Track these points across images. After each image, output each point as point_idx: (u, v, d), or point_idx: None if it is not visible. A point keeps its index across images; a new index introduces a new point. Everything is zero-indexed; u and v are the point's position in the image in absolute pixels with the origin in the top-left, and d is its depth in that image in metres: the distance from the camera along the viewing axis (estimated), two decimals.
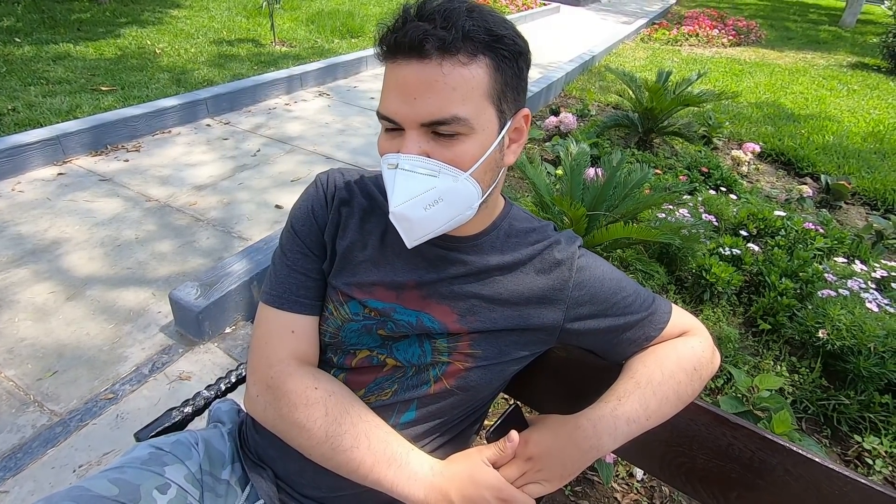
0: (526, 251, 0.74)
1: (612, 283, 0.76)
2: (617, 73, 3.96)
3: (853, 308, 1.90)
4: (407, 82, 0.59)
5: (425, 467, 0.67)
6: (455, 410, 0.76)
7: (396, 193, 0.62)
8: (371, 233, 0.75)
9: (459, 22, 0.58)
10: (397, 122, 0.62)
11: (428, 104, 0.59)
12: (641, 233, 1.94)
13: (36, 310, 1.93)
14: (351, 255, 0.75)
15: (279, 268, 0.76)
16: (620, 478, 1.51)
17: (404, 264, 0.73)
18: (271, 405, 0.71)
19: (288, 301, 0.74)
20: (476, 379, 0.73)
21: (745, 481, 0.74)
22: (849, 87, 6.20)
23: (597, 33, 8.20)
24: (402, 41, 0.58)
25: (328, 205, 0.76)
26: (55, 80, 3.88)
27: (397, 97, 0.61)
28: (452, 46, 0.58)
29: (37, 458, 1.43)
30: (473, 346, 0.72)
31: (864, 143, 4.32)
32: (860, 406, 1.70)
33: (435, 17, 0.58)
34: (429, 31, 0.58)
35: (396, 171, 0.62)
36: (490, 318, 0.72)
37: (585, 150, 2.61)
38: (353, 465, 0.66)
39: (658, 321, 0.77)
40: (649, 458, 0.85)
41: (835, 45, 9.11)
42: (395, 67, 0.61)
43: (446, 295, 0.72)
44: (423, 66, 0.59)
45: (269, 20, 5.41)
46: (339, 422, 0.67)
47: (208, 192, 2.81)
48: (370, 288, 0.73)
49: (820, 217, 2.90)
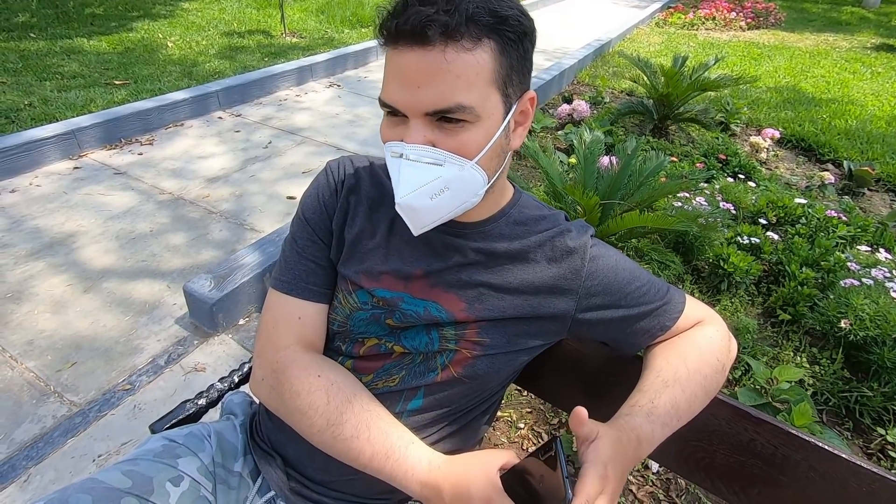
0: (535, 238, 0.72)
1: (626, 273, 0.74)
2: (631, 59, 3.87)
3: (877, 298, 1.85)
4: (409, 70, 0.58)
5: (423, 462, 0.65)
6: (463, 399, 0.75)
7: (402, 184, 0.61)
8: (380, 222, 0.74)
9: (462, 4, 0.56)
10: (400, 111, 0.60)
11: (431, 93, 0.58)
12: (657, 221, 1.90)
13: (54, 302, 1.96)
14: (359, 243, 0.74)
15: (289, 254, 0.76)
16: (636, 470, 1.49)
17: (412, 253, 0.73)
18: (275, 390, 0.72)
19: (297, 287, 0.74)
20: (484, 367, 0.72)
21: (768, 477, 0.72)
22: (873, 70, 6.00)
23: (611, 19, 8.04)
24: (404, 27, 0.56)
25: (337, 192, 0.76)
26: (69, 74, 3.91)
27: (399, 85, 0.59)
28: (456, 31, 0.56)
29: (58, 447, 1.45)
30: (481, 335, 0.71)
31: (889, 127, 4.19)
32: (884, 398, 1.66)
33: (437, 0, 0.56)
34: (431, 16, 0.55)
35: (401, 161, 0.61)
36: (498, 307, 0.71)
37: (599, 138, 2.57)
38: (352, 455, 0.66)
39: (673, 311, 0.75)
40: (667, 453, 0.83)
41: (858, 27, 8.82)
42: (397, 54, 0.58)
43: (454, 283, 0.71)
44: (426, 52, 0.56)
45: (280, 11, 5.39)
46: (341, 411, 0.67)
47: (220, 185, 2.82)
48: (378, 277, 0.73)
49: (842, 204, 2.82)
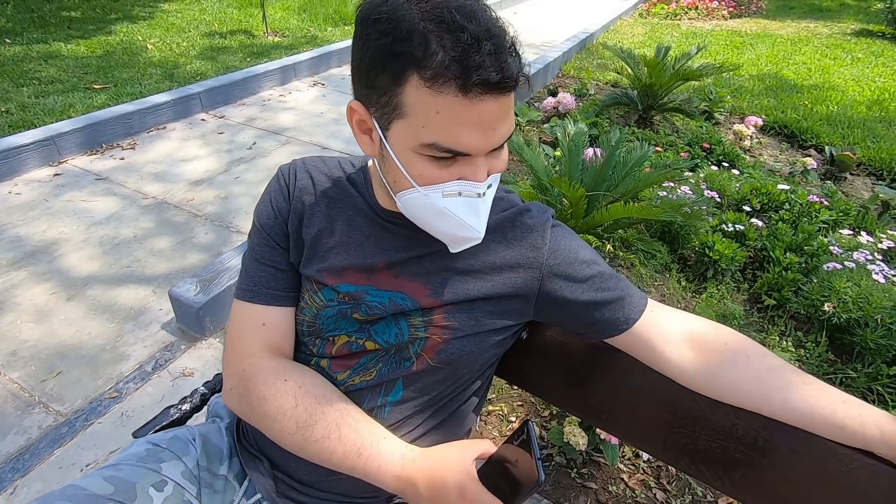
0: (494, 218, 0.72)
1: (587, 256, 0.74)
2: (614, 50, 3.89)
3: (859, 280, 1.88)
4: (490, 117, 0.57)
5: (396, 455, 0.65)
6: (443, 385, 0.75)
7: (481, 219, 0.64)
8: (337, 219, 0.75)
9: (504, 41, 0.55)
10: (469, 153, 0.59)
11: (503, 131, 0.60)
12: (642, 211, 1.92)
13: (37, 311, 1.93)
14: (319, 242, 0.74)
15: (248, 263, 0.77)
16: (627, 458, 1.51)
17: (373, 246, 0.73)
18: (244, 398, 0.72)
19: (258, 294, 0.75)
20: (456, 351, 0.72)
21: (750, 461, 0.73)
22: (853, 56, 6.07)
23: (596, 10, 8.05)
24: (490, 80, 0.53)
25: (290, 196, 0.76)
26: (47, 79, 3.85)
27: (478, 133, 0.57)
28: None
29: (44, 458, 1.44)
30: (448, 318, 0.71)
31: (869, 111, 4.24)
32: (868, 378, 1.69)
33: (501, 44, 0.55)
34: (512, 65, 0.55)
35: (479, 200, 0.62)
36: (462, 289, 0.71)
37: (583, 130, 2.58)
38: (325, 455, 0.66)
39: (636, 305, 0.74)
40: (652, 441, 0.84)
41: (839, 13, 8.90)
42: (471, 102, 0.55)
43: (418, 272, 0.72)
44: (506, 98, 0.57)
45: (261, 10, 5.33)
46: (310, 412, 0.67)
47: (205, 187, 2.79)
48: (341, 272, 0.73)
49: (825, 189, 2.86)
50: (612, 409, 0.86)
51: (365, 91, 0.61)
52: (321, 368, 0.75)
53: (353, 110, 0.64)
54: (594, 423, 1.29)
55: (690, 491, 1.43)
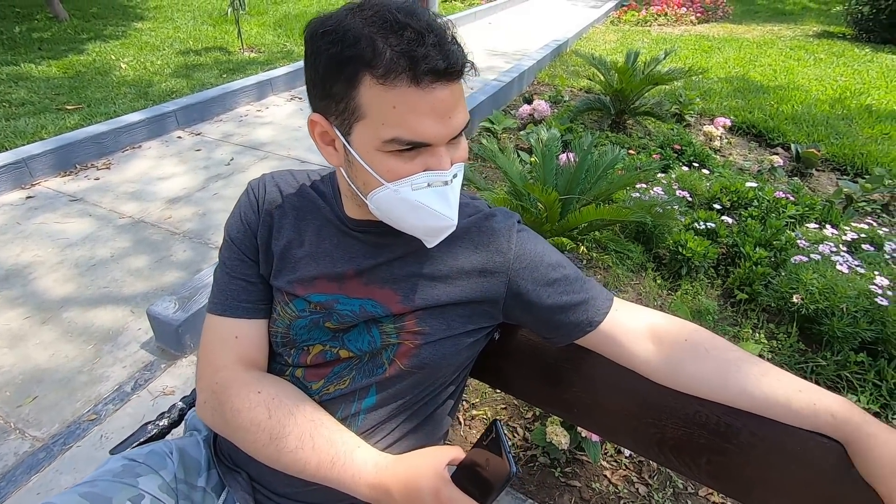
0: (460, 224, 0.73)
1: (552, 259, 0.76)
2: (585, 57, 3.98)
3: (825, 271, 1.95)
4: (444, 105, 0.59)
5: (369, 464, 0.66)
6: (416, 390, 0.76)
7: (453, 207, 0.66)
8: (306, 229, 0.76)
9: (446, 32, 0.60)
10: (429, 143, 0.61)
11: (459, 119, 0.62)
12: (613, 213, 1.96)
13: (11, 336, 1.90)
14: (289, 253, 0.75)
15: (219, 277, 0.78)
16: (609, 455, 1.53)
17: (342, 254, 0.74)
18: (217, 411, 0.72)
19: (230, 307, 0.75)
20: (428, 356, 0.73)
21: (714, 446, 0.76)
22: (815, 57, 6.29)
23: (569, 18, 8.22)
24: (438, 68, 0.57)
25: (259, 209, 0.77)
26: (17, 101, 3.79)
27: (434, 120, 0.59)
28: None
29: (21, 485, 1.41)
30: (420, 324, 0.72)
31: (832, 110, 4.40)
32: (837, 366, 1.74)
33: (443, 35, 0.59)
34: (455, 52, 0.59)
35: (447, 188, 0.64)
36: (432, 295, 0.73)
37: (556, 136, 2.63)
38: (299, 466, 0.67)
39: (602, 306, 0.75)
40: (623, 433, 0.86)
41: (801, 16, 9.23)
42: (423, 92, 0.58)
43: (387, 279, 0.73)
44: (456, 85, 0.60)
45: (236, 27, 5.34)
46: (283, 423, 0.68)
47: (182, 205, 2.78)
48: (312, 282, 0.74)
49: (791, 185, 2.95)
50: (584, 404, 0.88)
51: (322, 102, 0.63)
52: (296, 378, 0.76)
53: (315, 122, 0.66)
54: (569, 419, 1.32)
55: (671, 484, 1.45)
